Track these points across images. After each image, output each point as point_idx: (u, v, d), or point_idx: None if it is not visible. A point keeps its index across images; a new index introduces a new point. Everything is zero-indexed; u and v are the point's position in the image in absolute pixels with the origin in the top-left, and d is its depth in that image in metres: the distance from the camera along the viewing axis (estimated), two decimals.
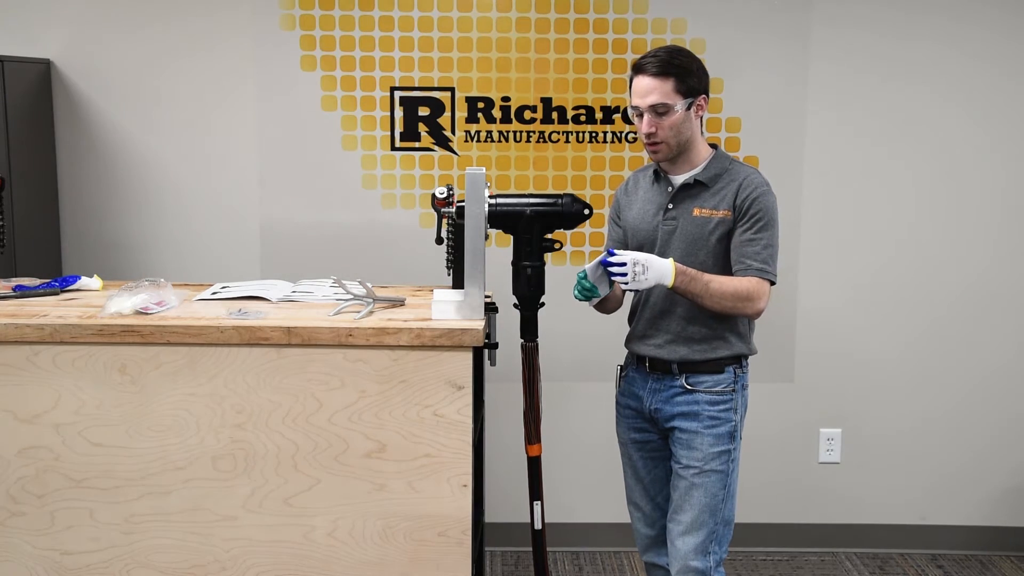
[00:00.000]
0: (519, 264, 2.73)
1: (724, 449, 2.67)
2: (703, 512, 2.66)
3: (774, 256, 2.62)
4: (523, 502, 2.93)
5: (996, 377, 3.90)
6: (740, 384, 2.70)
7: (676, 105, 2.58)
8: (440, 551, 2.67)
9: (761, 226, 2.60)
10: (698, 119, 2.65)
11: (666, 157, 2.65)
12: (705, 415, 2.67)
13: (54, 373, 2.61)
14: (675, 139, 2.62)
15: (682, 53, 2.64)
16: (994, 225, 3.83)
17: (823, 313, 3.85)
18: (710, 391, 2.66)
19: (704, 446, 2.66)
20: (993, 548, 3.99)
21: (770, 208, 2.62)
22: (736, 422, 2.69)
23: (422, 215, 3.75)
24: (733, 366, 2.68)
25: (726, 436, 2.67)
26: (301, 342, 2.59)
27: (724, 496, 2.68)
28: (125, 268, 3.70)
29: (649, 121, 2.60)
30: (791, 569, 3.86)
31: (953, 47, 3.72)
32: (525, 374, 2.83)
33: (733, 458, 2.69)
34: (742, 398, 2.72)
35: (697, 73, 2.62)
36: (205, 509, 2.67)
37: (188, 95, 3.70)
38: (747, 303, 2.57)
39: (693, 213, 2.65)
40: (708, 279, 2.56)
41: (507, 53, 3.68)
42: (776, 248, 2.63)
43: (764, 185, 2.63)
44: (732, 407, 2.68)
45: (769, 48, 3.71)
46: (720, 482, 2.67)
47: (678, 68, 2.59)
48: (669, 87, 2.58)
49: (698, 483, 2.66)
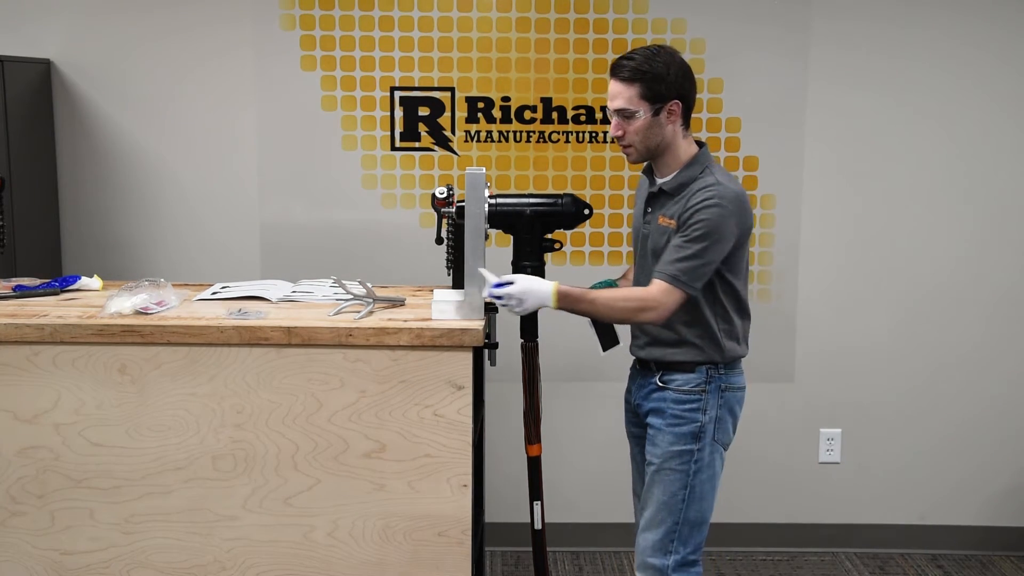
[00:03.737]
0: (519, 264, 2.74)
1: (685, 449, 2.60)
2: (660, 510, 2.63)
3: (696, 269, 2.49)
4: (523, 502, 2.93)
5: (997, 376, 3.90)
6: (715, 386, 2.61)
7: (640, 111, 2.53)
8: (440, 551, 2.67)
9: (694, 237, 2.49)
10: (673, 124, 2.56)
11: (637, 160, 2.63)
12: (669, 413, 2.62)
13: (54, 373, 2.61)
14: (642, 144, 2.58)
15: (658, 56, 2.54)
16: (1000, 225, 3.82)
17: (823, 313, 3.85)
18: (679, 389, 2.61)
19: (664, 443, 2.62)
20: (993, 548, 3.99)
21: (711, 222, 2.48)
22: (703, 423, 2.60)
23: (422, 215, 3.75)
24: (707, 367, 2.61)
25: (688, 436, 2.60)
26: (301, 342, 2.59)
27: (685, 496, 2.60)
28: (125, 268, 3.70)
29: (616, 124, 2.59)
30: (791, 569, 3.86)
31: (955, 47, 3.71)
32: (525, 374, 2.83)
33: (697, 459, 2.60)
34: (716, 400, 2.61)
35: (671, 78, 2.53)
36: (205, 509, 2.67)
37: (188, 95, 3.70)
38: (641, 312, 2.52)
39: (659, 221, 2.62)
40: (594, 296, 2.56)
41: (507, 53, 3.68)
42: (704, 262, 2.49)
43: (716, 198, 2.49)
44: (700, 407, 2.60)
45: (769, 48, 3.71)
46: (679, 482, 2.60)
47: (647, 74, 2.51)
48: (634, 93, 2.53)
49: (656, 480, 2.64)
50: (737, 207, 2.52)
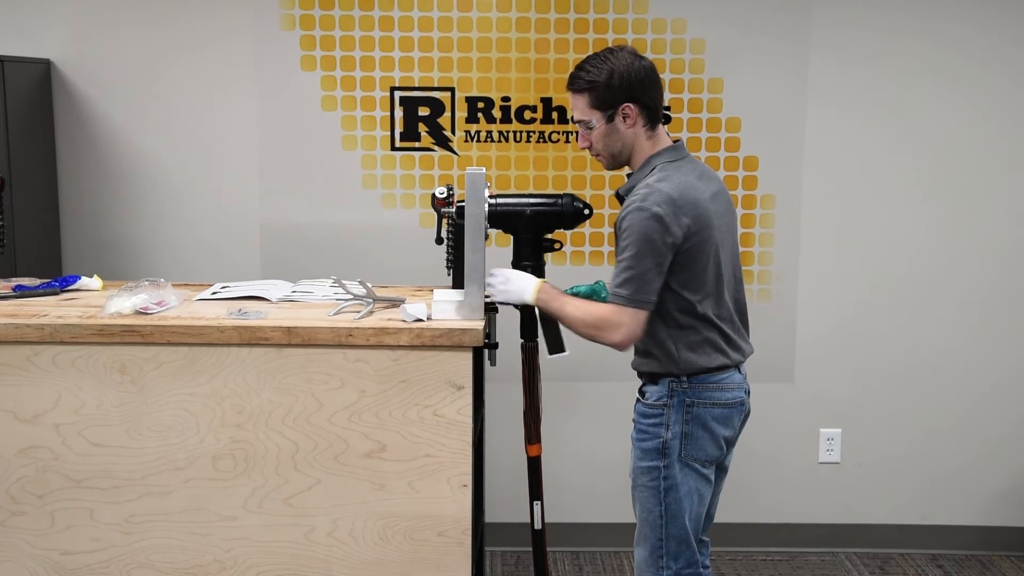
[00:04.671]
0: (519, 264, 2.74)
1: (652, 465, 2.52)
2: (644, 525, 2.58)
3: (634, 279, 2.40)
4: (523, 502, 2.93)
5: (997, 376, 3.90)
6: (678, 400, 2.49)
7: (592, 120, 2.51)
8: (440, 551, 2.67)
9: (622, 248, 2.43)
10: (633, 127, 2.50)
11: (609, 167, 2.60)
12: (638, 427, 2.57)
13: (54, 373, 2.61)
14: (606, 151, 2.55)
15: (593, 63, 2.49)
16: (996, 226, 3.82)
17: (823, 313, 3.85)
18: (646, 402, 2.55)
19: (635, 458, 2.57)
20: (993, 548, 3.99)
21: (633, 228, 2.39)
22: (667, 439, 2.49)
23: (422, 215, 3.75)
24: (669, 379, 2.50)
25: (653, 452, 2.51)
26: (301, 342, 2.59)
27: (662, 513, 2.52)
28: (125, 268, 3.70)
29: (580, 136, 2.57)
30: (791, 569, 3.86)
31: (952, 48, 3.72)
32: (525, 374, 2.83)
33: (666, 476, 2.50)
34: (681, 415, 2.49)
35: (616, 82, 2.46)
36: (205, 509, 2.67)
37: (188, 95, 3.70)
38: (596, 331, 2.45)
39: None
40: (563, 302, 2.53)
41: (507, 53, 3.68)
42: (640, 272, 2.39)
43: (639, 202, 2.40)
44: (662, 423, 2.50)
45: (769, 48, 3.71)
46: (653, 498, 2.53)
47: (592, 83, 2.48)
48: (584, 103, 2.51)
49: (634, 496, 2.60)
50: (667, 208, 2.39)
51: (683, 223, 2.40)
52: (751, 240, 3.78)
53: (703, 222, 2.44)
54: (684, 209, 2.41)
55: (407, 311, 2.62)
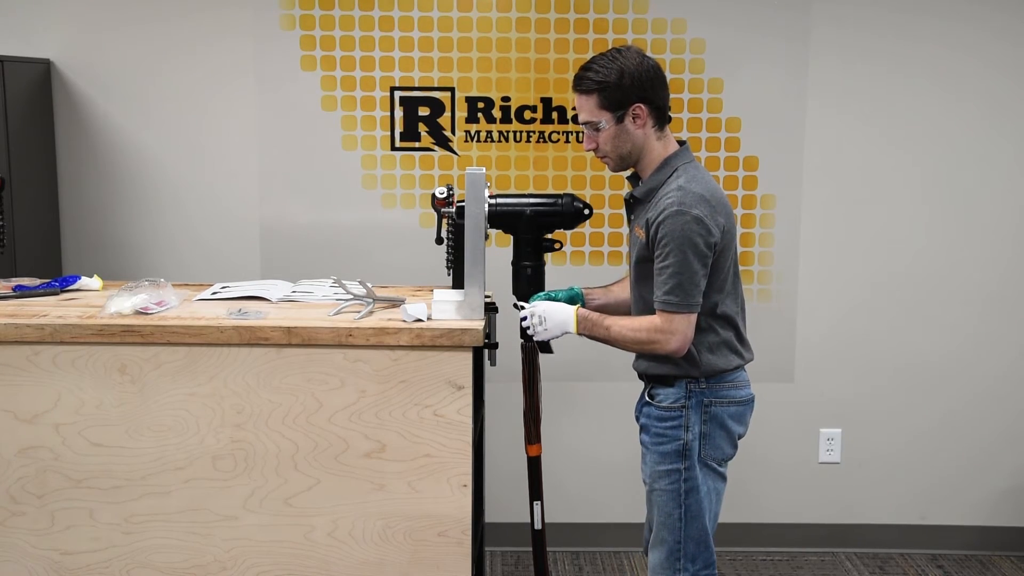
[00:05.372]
0: (519, 264, 2.74)
1: (672, 468, 2.51)
2: (661, 528, 2.57)
3: (683, 284, 2.39)
4: (523, 502, 2.93)
5: (996, 377, 3.90)
6: (696, 401, 2.50)
7: (602, 121, 2.48)
8: (440, 551, 2.67)
9: (665, 253, 2.40)
10: (643, 128, 2.48)
11: (616, 169, 2.58)
12: (653, 430, 2.55)
13: (54, 373, 2.61)
14: (615, 152, 2.52)
15: (614, 62, 2.46)
16: (996, 226, 3.82)
17: (823, 313, 3.85)
18: (660, 405, 2.53)
19: (651, 463, 2.55)
20: (993, 548, 3.99)
21: (675, 232, 2.38)
22: (687, 441, 2.50)
23: (422, 215, 3.75)
24: (686, 381, 2.51)
25: (673, 455, 2.51)
26: (301, 342, 2.59)
27: (682, 515, 2.52)
28: (125, 268, 3.70)
29: (586, 137, 2.54)
30: (791, 569, 3.86)
31: (952, 48, 3.71)
32: (525, 374, 2.83)
33: (687, 478, 2.51)
34: (699, 415, 2.50)
35: (627, 82, 2.44)
36: (205, 509, 2.67)
37: (188, 95, 3.70)
38: (651, 344, 2.44)
39: (636, 231, 2.55)
40: (609, 324, 2.50)
41: (507, 53, 3.68)
42: (686, 275, 2.38)
43: (676, 205, 2.39)
44: (681, 424, 2.51)
45: (769, 48, 3.71)
46: (672, 501, 2.52)
47: (603, 83, 2.44)
48: (593, 104, 2.47)
49: (652, 500, 2.59)
50: (705, 209, 2.40)
51: (719, 223, 2.44)
52: (751, 240, 3.78)
53: (731, 221, 2.50)
54: (718, 209, 2.44)
55: (407, 311, 2.63)
